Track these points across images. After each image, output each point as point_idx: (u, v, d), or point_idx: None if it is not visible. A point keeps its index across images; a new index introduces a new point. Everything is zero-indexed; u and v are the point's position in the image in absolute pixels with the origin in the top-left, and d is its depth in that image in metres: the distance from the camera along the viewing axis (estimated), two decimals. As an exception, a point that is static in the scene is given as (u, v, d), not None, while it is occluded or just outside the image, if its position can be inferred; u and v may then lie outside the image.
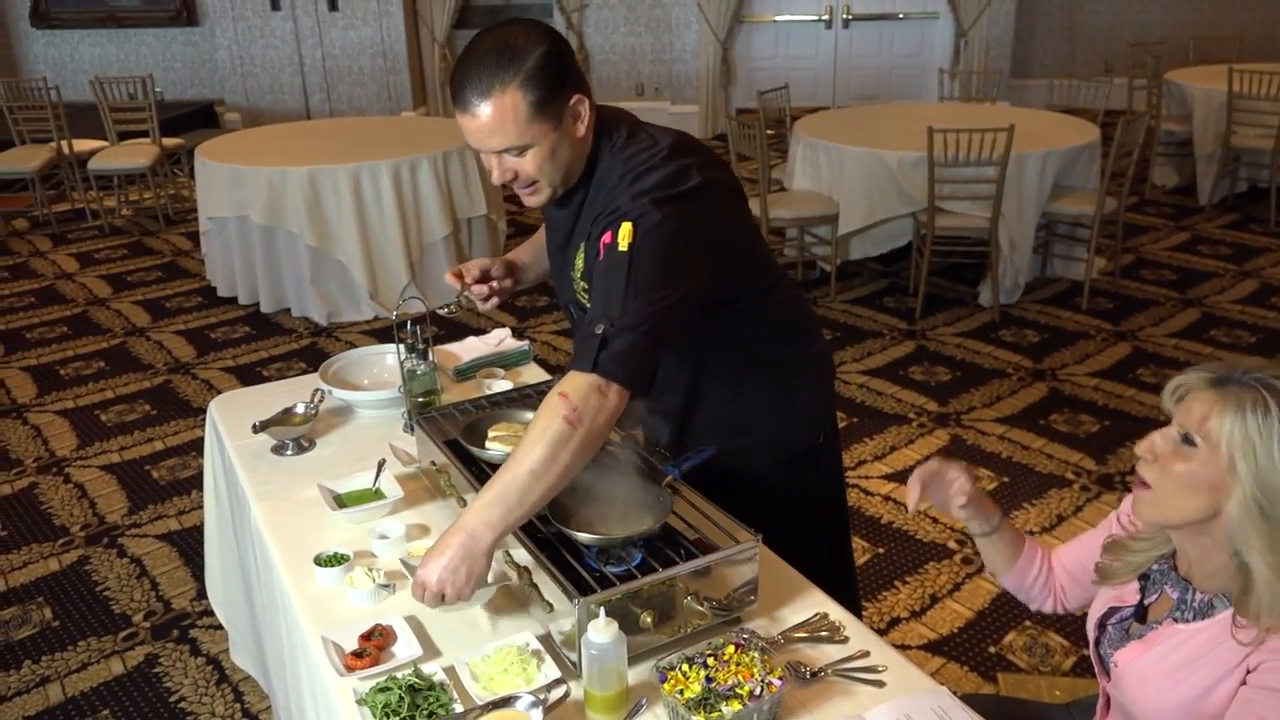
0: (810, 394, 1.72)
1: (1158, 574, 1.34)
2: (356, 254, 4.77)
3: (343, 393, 2.13)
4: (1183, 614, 1.28)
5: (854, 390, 3.96)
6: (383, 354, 2.32)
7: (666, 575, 1.37)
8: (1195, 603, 1.27)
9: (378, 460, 1.85)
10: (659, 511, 1.50)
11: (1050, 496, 3.24)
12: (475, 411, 1.86)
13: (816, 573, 1.95)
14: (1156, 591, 1.33)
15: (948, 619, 2.70)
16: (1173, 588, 1.31)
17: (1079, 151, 4.80)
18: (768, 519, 1.74)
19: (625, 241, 1.36)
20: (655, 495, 1.53)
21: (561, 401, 1.32)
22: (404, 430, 2.05)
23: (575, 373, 1.35)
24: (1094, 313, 4.73)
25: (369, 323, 4.87)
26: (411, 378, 2.00)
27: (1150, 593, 1.34)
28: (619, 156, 1.45)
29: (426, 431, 1.79)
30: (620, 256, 1.36)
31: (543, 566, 1.40)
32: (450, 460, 1.70)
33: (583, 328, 1.38)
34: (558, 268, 1.62)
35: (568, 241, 1.56)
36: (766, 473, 1.74)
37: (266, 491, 1.85)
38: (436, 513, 1.77)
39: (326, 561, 1.60)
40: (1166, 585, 1.32)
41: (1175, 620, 1.28)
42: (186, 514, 3.29)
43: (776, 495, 1.75)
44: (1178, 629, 1.27)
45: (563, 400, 1.32)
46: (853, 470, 3.37)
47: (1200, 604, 1.26)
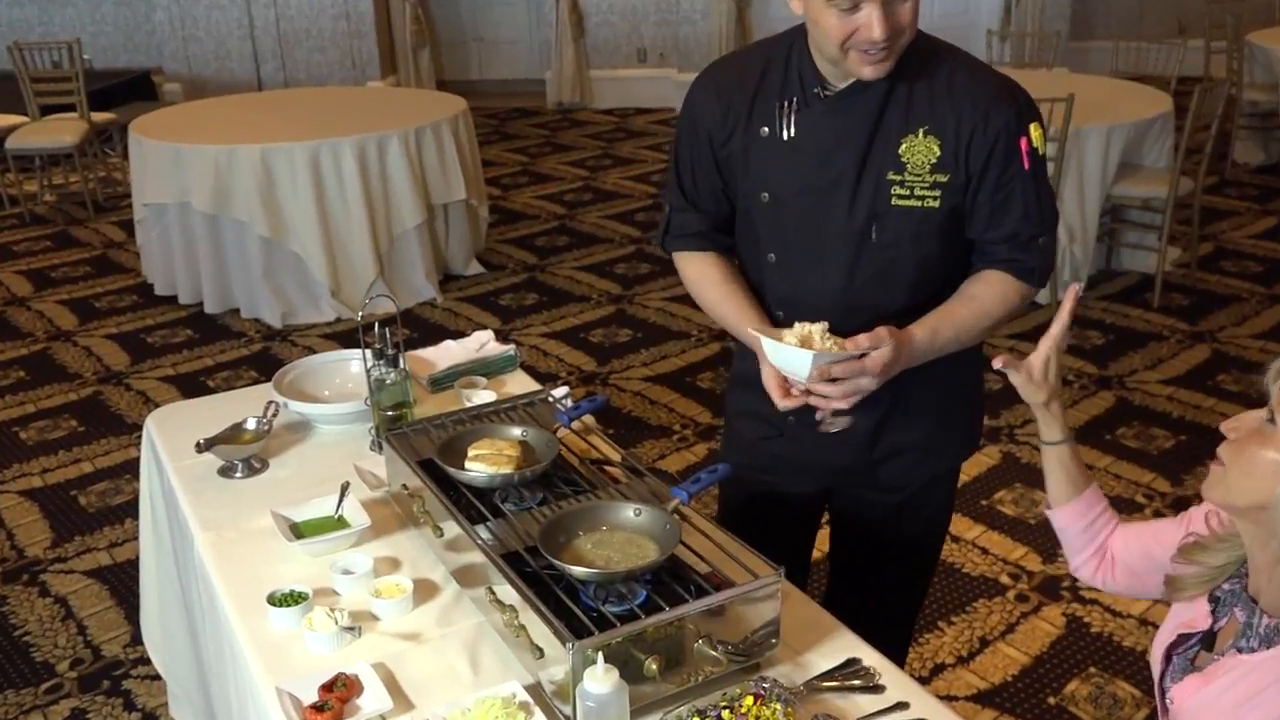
0: (982, 385, 1.91)
1: (1228, 595, 1.34)
2: (315, 246, 4.78)
3: (300, 405, 2.13)
4: (1247, 641, 1.28)
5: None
6: (346, 361, 2.32)
7: (675, 615, 1.37)
8: (1261, 628, 1.27)
9: (340, 484, 1.85)
10: (665, 541, 1.50)
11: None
12: (453, 427, 1.86)
13: (898, 614, 2.02)
14: (1226, 614, 1.34)
15: (1000, 665, 2.69)
16: (1241, 609, 1.32)
17: (1149, 125, 4.81)
18: (890, 543, 1.85)
19: (1040, 143, 1.61)
20: (661, 523, 1.54)
21: (1019, 285, 1.65)
22: (371, 449, 2.06)
23: (1014, 278, 1.64)
24: (1167, 310, 4.73)
25: (330, 325, 4.87)
26: (380, 388, 2.00)
27: (1220, 615, 1.34)
28: (939, 47, 1.63)
29: (397, 450, 1.79)
30: (1040, 160, 1.61)
31: (531, 605, 1.39)
32: (424, 483, 1.70)
33: (1000, 229, 1.61)
34: (837, 178, 1.63)
35: (870, 142, 1.60)
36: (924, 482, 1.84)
37: (212, 520, 1.85)
38: (409, 543, 1.77)
39: (282, 600, 1.60)
40: (1236, 607, 1.33)
41: (1239, 650, 1.28)
42: (119, 546, 3.29)
43: (913, 514, 1.86)
44: (1241, 659, 1.27)
45: (1019, 285, 1.65)
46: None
47: (1266, 629, 1.27)
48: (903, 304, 1.67)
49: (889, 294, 1.66)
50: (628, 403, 4.09)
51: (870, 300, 1.66)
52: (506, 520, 1.63)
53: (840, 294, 1.66)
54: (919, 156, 1.60)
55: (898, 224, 1.61)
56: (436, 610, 1.62)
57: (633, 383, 4.26)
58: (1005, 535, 3.20)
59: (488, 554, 1.51)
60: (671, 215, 1.81)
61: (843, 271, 1.65)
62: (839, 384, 1.54)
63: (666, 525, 1.53)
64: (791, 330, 1.58)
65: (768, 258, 1.71)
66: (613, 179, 7.08)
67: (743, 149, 1.68)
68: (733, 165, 1.71)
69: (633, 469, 1.74)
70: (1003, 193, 1.61)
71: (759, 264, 1.74)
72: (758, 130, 1.66)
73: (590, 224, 6.20)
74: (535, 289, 5.26)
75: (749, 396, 1.83)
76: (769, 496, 1.90)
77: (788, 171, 1.65)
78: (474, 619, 1.59)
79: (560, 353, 4.55)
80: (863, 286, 1.65)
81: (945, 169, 1.59)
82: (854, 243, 1.63)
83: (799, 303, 1.70)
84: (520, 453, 1.73)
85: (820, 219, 1.65)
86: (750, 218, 1.72)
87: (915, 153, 1.59)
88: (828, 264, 1.66)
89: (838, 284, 1.66)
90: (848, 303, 1.67)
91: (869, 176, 1.61)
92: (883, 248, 1.63)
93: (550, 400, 1.98)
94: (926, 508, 1.90)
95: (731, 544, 1.50)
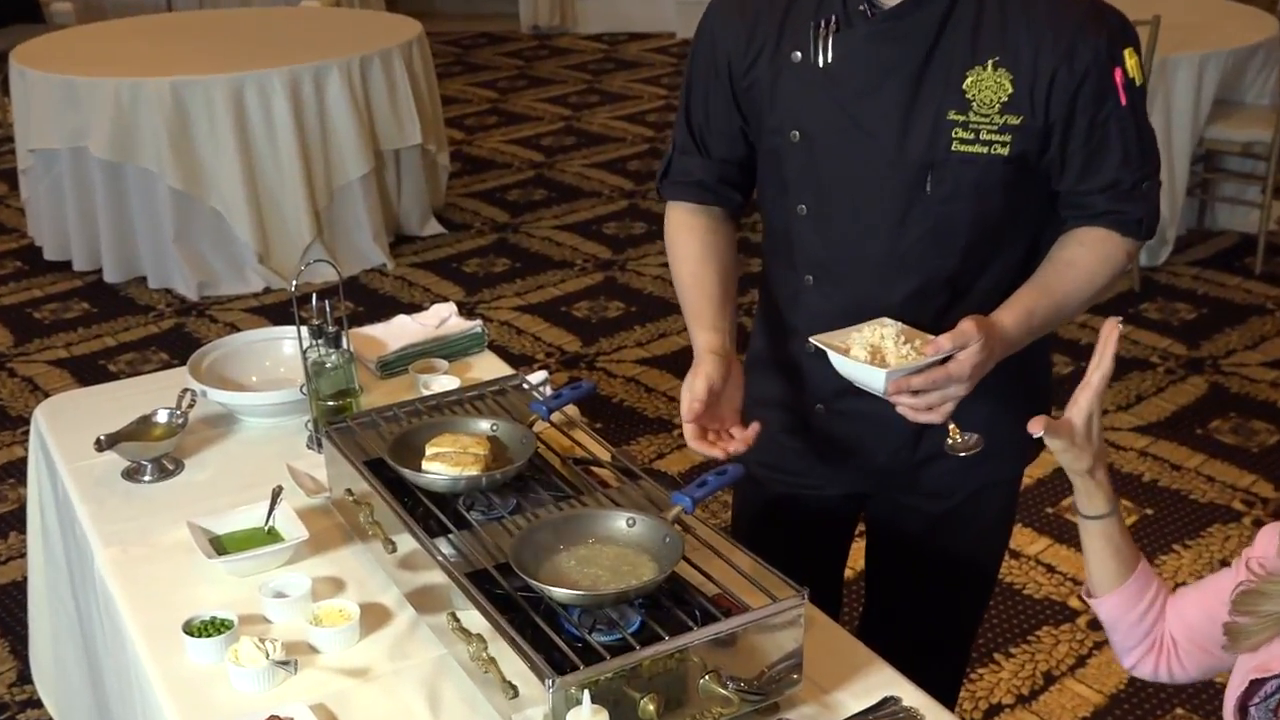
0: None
1: None
2: (239, 201, 4.76)
3: (222, 394, 2.13)
4: None
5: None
6: (277, 341, 2.32)
7: (676, 645, 1.37)
8: None
9: (272, 489, 1.85)
10: (665, 558, 1.50)
11: (1211, 535, 3.25)
12: (408, 420, 1.86)
13: (947, 644, 2.05)
14: None
15: (1069, 706, 2.70)
16: None
17: (1250, 53, 4.80)
18: (938, 560, 1.90)
19: (1136, 72, 1.61)
20: (659, 535, 1.54)
21: (1124, 242, 1.67)
22: (308, 446, 2.06)
23: (1117, 234, 1.66)
24: (1272, 279, 4.73)
25: (257, 296, 4.86)
26: (319, 373, 2.00)
27: None
28: None
29: (339, 448, 1.79)
30: (1139, 91, 1.62)
31: (503, 634, 1.40)
32: (373, 488, 1.70)
33: (1097, 179, 1.63)
34: (883, 116, 1.62)
35: (924, 73, 1.59)
36: (976, 487, 1.85)
37: (116, 533, 1.85)
38: (354, 561, 1.77)
39: (201, 630, 1.60)
40: None
41: None
42: (2, 565, 3.29)
43: (965, 524, 1.88)
44: None
45: (1123, 242, 1.66)
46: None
47: None
48: (953, 268, 1.67)
49: (941, 256, 1.66)
50: (619, 390, 4.09)
51: (919, 263, 1.66)
52: (473, 532, 1.63)
53: (884, 255, 1.66)
54: (987, 93, 1.58)
55: (958, 173, 1.61)
56: (388, 640, 1.62)
57: (625, 366, 4.26)
58: (1075, 550, 3.20)
59: (450, 573, 1.51)
60: (674, 156, 1.81)
61: (888, 229, 1.65)
62: (922, 396, 1.54)
63: (666, 538, 1.53)
64: (858, 335, 1.58)
65: (797, 210, 1.71)
66: (600, 119, 7.06)
67: (770, 77, 1.67)
68: (757, 98, 1.70)
69: (625, 471, 1.74)
70: (1097, 137, 1.61)
71: (787, 218, 1.73)
72: (788, 55, 1.65)
73: (573, 174, 6.18)
74: (507, 253, 5.25)
75: (768, 381, 1.83)
76: (792, 503, 1.90)
77: (823, 105, 1.64)
78: (434, 651, 1.59)
79: (537, 330, 4.55)
80: (912, 247, 1.65)
81: (1018, 109, 1.58)
82: (903, 195, 1.63)
83: (834, 265, 1.70)
84: (489, 451, 1.73)
85: (862, 165, 1.64)
86: (777, 160, 1.71)
87: (983, 89, 1.58)
88: (870, 219, 1.66)
89: (882, 244, 1.66)
90: (893, 265, 1.67)
91: (923, 115, 1.60)
92: (938, 201, 1.62)
93: (525, 387, 1.98)
94: (981, 517, 1.90)
95: (745, 560, 1.51)
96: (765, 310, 1.88)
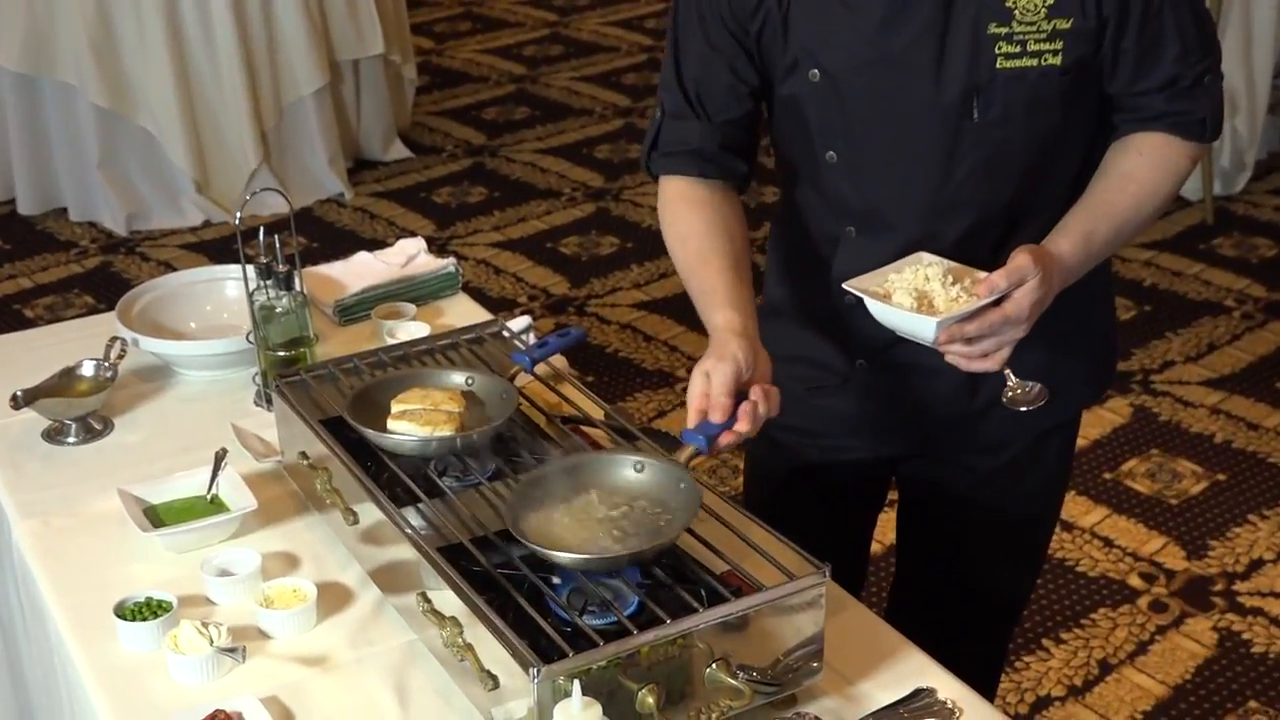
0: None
1: None
2: (173, 120, 4.74)
3: (157, 343, 2.13)
4: None
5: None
6: (219, 282, 2.31)
7: (679, 630, 1.38)
8: None
9: (214, 452, 1.85)
10: (681, 508, 1.51)
11: (1292, 504, 3.29)
12: (371, 373, 1.86)
13: (988, 628, 2.06)
14: None
15: (1128, 698, 2.72)
16: None
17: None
18: (980, 528, 1.93)
19: None
20: (674, 481, 1.54)
21: (1187, 146, 1.68)
22: (256, 403, 2.06)
23: (1178, 138, 1.67)
24: (1366, 210, 4.75)
25: (195, 231, 4.85)
26: (267, 319, 2.00)
27: None
28: None
29: (292, 405, 1.79)
30: None
31: (481, 617, 1.40)
32: (331, 450, 1.70)
33: (1153, 77, 1.63)
34: (915, 40, 1.62)
35: None
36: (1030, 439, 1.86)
37: (36, 502, 1.85)
38: (310, 534, 1.77)
39: (135, 613, 1.61)
40: None
41: None
42: (-93, 540, 3.30)
43: (1013, 485, 1.89)
44: None
45: (1186, 147, 1.68)
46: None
47: None
48: (1008, 198, 1.67)
49: (995, 188, 1.66)
50: (613, 339, 4.09)
51: (970, 198, 1.66)
52: (446, 501, 1.63)
53: (933, 196, 1.66)
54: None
55: (1008, 93, 1.60)
56: (350, 625, 1.63)
57: (620, 311, 4.26)
58: (1137, 521, 3.22)
59: (420, 547, 1.52)
60: (663, 123, 1.77)
61: (935, 166, 1.65)
62: (977, 343, 1.55)
63: (681, 484, 1.53)
64: (898, 277, 1.58)
65: (826, 158, 1.70)
66: (591, 25, 7.01)
67: (779, 11, 1.66)
68: (766, 38, 1.68)
69: (621, 431, 1.74)
70: (1151, 30, 1.61)
71: (814, 167, 1.73)
72: None
73: (560, 89, 6.15)
74: (483, 180, 5.24)
75: (789, 332, 1.83)
76: (814, 469, 1.91)
77: (845, 37, 1.63)
78: (401, 637, 1.59)
79: (520, 269, 4.55)
80: (963, 183, 1.65)
81: (1065, 11, 1.58)
82: (948, 127, 1.63)
83: (875, 214, 1.69)
84: (464, 408, 1.73)
85: (897, 98, 1.63)
86: (796, 107, 1.70)
87: None
88: (913, 158, 1.66)
89: (929, 183, 1.66)
90: (942, 206, 1.67)
91: (961, 32, 1.59)
92: (988, 127, 1.62)
93: (506, 335, 1.98)
94: (1032, 475, 1.91)
95: (758, 533, 1.51)
96: (788, 259, 1.88)
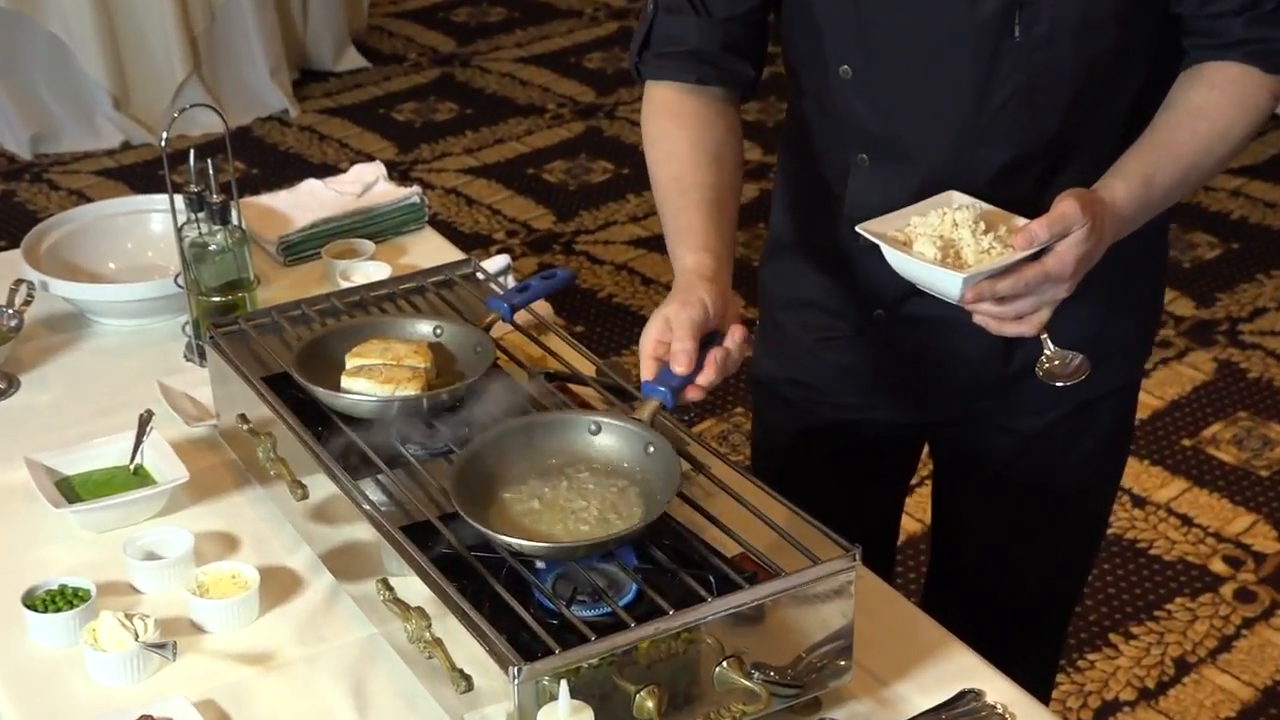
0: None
1: None
2: (86, 24, 4.73)
3: (69, 286, 2.13)
4: None
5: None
6: (143, 214, 2.32)
7: (684, 623, 1.38)
8: None
9: (139, 415, 1.86)
10: (654, 481, 1.52)
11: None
12: (321, 321, 1.87)
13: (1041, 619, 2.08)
14: None
15: (1207, 704, 2.74)
16: None
17: None
18: (1027, 502, 1.94)
19: None
20: (639, 445, 1.55)
21: (1268, 81, 1.66)
22: (187, 358, 2.07)
23: (1258, 70, 1.65)
24: None
25: (114, 155, 4.86)
26: (200, 258, 2.00)
27: None
28: None
29: (230, 360, 1.80)
30: None
31: (452, 607, 1.41)
32: (276, 412, 1.71)
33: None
34: None
35: None
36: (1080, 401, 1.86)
37: (-71, 473, 1.87)
38: (251, 511, 1.78)
39: (48, 602, 1.62)
40: None
41: None
42: None
43: (1065, 452, 1.90)
44: None
45: (1267, 81, 1.66)
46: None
47: None
48: (1053, 131, 1.67)
49: (1038, 117, 1.66)
50: (606, 281, 4.10)
51: (1010, 130, 1.66)
52: (410, 472, 1.64)
53: (965, 125, 1.66)
54: None
55: (1056, 9, 1.60)
56: (298, 617, 1.64)
57: (615, 249, 4.26)
58: (1220, 495, 3.24)
59: (380, 526, 1.52)
60: (655, 18, 1.77)
61: (968, 90, 1.65)
62: (1010, 303, 1.54)
63: (649, 447, 1.54)
64: (922, 221, 1.58)
65: (839, 71, 1.70)
66: (580, -91, 6.99)
67: None
68: None
69: (615, 389, 1.75)
70: None
71: (825, 84, 1.73)
72: None
73: (543, -15, 6.13)
74: (453, 94, 5.22)
75: (797, 272, 1.83)
76: (829, 432, 1.92)
77: None
78: (359, 631, 1.60)
79: (496, 200, 4.55)
80: (1000, 112, 1.65)
81: None
82: (985, 44, 1.62)
83: (894, 142, 1.69)
84: (431, 363, 1.74)
85: (926, 8, 1.63)
86: (806, 8, 1.71)
87: None
88: (941, 80, 1.66)
89: (960, 110, 1.66)
90: (976, 136, 1.66)
91: None
92: (1032, 48, 1.62)
93: (480, 278, 1.99)
94: (1086, 437, 1.91)
95: (777, 509, 1.51)
96: (795, 188, 1.88)
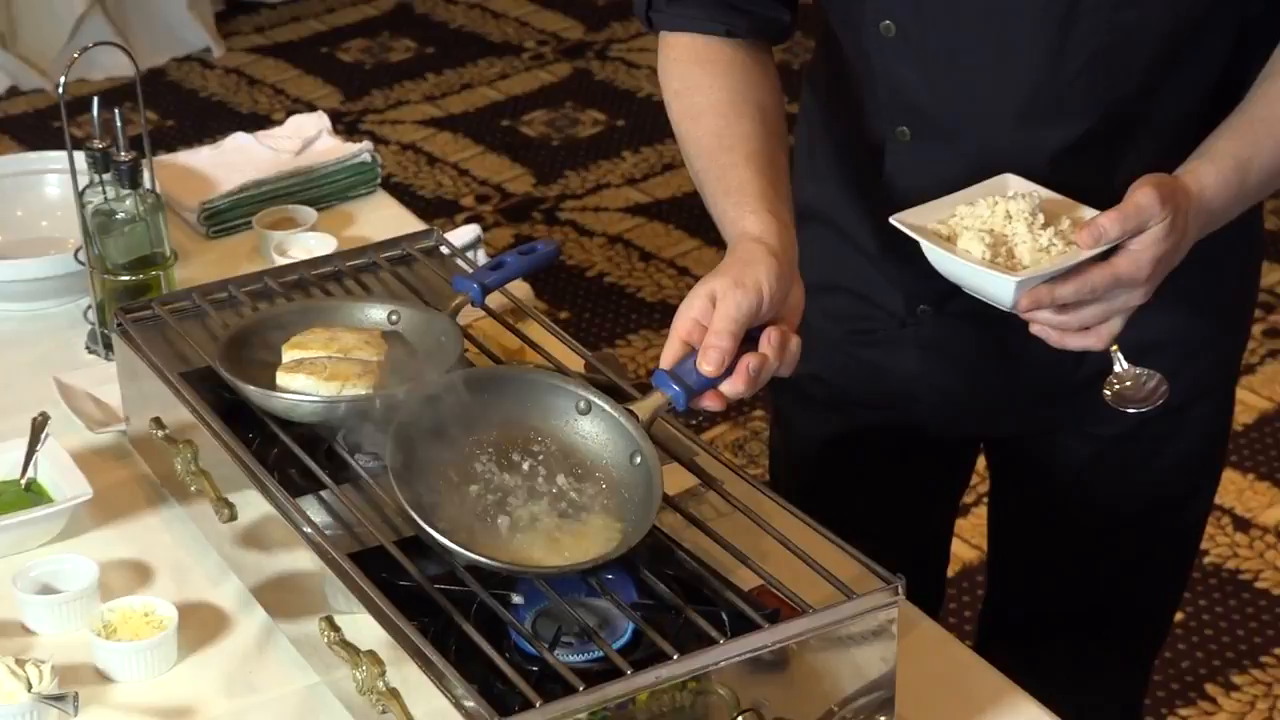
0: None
1: None
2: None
3: (-55, 264, 2.14)
4: None
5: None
6: (35, 175, 2.33)
7: (691, 669, 1.39)
8: None
9: (32, 418, 1.86)
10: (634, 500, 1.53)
11: None
12: (252, 305, 1.87)
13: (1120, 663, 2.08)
14: None
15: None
16: None
17: None
18: (1102, 527, 1.97)
19: None
20: (625, 450, 1.56)
21: None
22: (89, 349, 2.08)
23: None
24: None
25: (1, 103, 4.89)
26: (105, 229, 2.00)
27: None
28: None
29: (141, 351, 1.80)
30: None
31: (411, 652, 1.41)
32: (198, 416, 1.71)
33: None
34: None
35: None
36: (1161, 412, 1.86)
37: None
38: (168, 533, 1.79)
39: (-78, 645, 1.62)
40: None
41: None
42: None
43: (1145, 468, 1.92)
44: None
45: None
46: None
47: None
48: (1129, 101, 1.68)
49: (1113, 87, 1.67)
50: (597, 257, 4.10)
51: (1083, 102, 1.67)
52: (360, 487, 1.65)
53: (1030, 96, 1.68)
54: None
55: None
56: (225, 662, 1.64)
57: (607, 218, 4.26)
58: (1338, 517, 3.25)
59: (324, 553, 1.53)
60: None
61: (1039, 56, 1.66)
62: (1074, 311, 1.54)
63: (635, 457, 1.55)
64: (969, 212, 1.58)
65: (881, 27, 1.71)
66: None
67: None
68: None
69: (607, 387, 1.74)
70: None
71: (861, 41, 1.74)
72: None
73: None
74: (411, 29, 5.23)
75: (825, 247, 1.84)
76: (870, 443, 1.93)
77: None
78: (298, 680, 1.61)
79: (464, 158, 4.55)
80: (1074, 81, 1.66)
81: None
82: (1057, 3, 1.63)
83: (944, 112, 1.71)
84: (385, 356, 1.74)
85: None
86: None
87: None
88: (1003, 44, 1.67)
89: (1030, 77, 1.67)
90: (1042, 109, 1.68)
91: None
92: (1111, 8, 1.62)
93: (445, 252, 1.99)
94: (1171, 444, 1.92)
95: (803, 533, 1.52)
96: (822, 154, 1.90)
